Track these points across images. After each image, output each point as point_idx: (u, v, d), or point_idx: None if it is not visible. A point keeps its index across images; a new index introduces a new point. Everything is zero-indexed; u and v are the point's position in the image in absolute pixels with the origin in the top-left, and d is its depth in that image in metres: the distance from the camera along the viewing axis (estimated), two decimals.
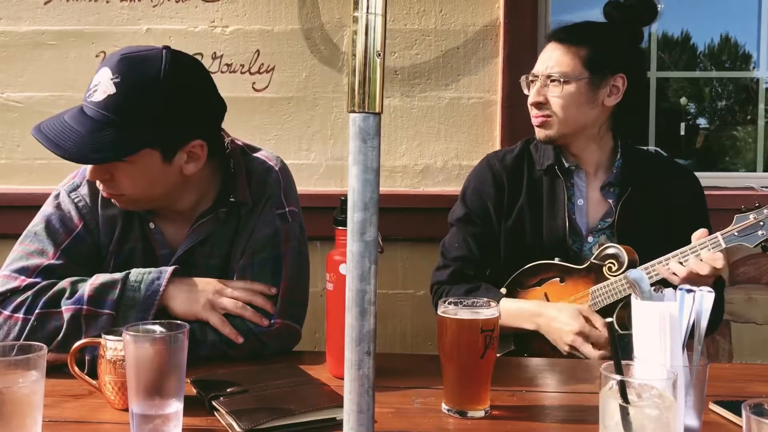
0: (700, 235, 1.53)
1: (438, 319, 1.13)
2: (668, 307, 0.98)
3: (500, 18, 2.40)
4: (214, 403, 1.08)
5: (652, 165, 1.81)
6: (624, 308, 1.63)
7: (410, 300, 2.46)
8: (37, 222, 1.44)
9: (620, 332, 1.59)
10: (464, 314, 1.11)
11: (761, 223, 1.51)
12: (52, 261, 1.38)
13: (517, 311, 1.68)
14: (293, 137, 2.46)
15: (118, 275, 1.35)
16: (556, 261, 1.73)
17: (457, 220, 1.84)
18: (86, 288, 1.32)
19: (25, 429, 0.90)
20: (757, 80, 2.81)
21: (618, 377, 0.85)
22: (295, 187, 1.56)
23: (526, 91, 1.77)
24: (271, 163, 1.54)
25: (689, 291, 1.01)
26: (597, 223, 1.76)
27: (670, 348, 0.97)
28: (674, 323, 0.97)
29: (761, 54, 2.69)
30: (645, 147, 2.54)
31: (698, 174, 1.84)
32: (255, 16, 2.44)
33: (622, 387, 0.84)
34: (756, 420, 0.76)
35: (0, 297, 1.33)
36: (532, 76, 1.75)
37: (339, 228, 1.28)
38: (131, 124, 1.29)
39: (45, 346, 0.95)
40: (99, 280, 1.33)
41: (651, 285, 1.05)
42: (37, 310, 1.30)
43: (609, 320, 1.62)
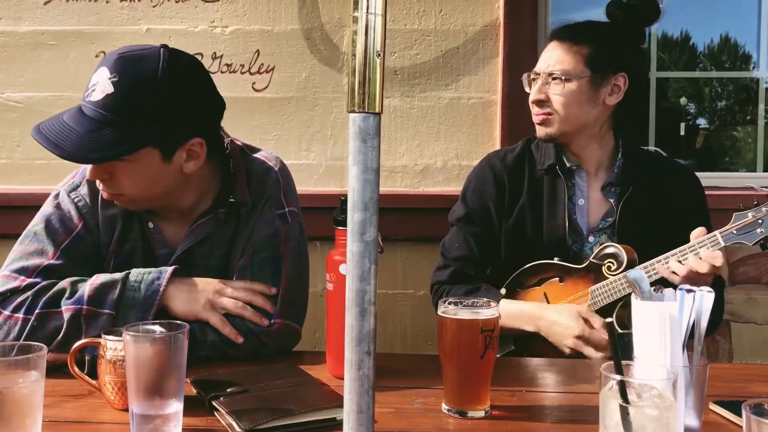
0: (699, 234, 1.53)
1: (438, 319, 1.13)
2: (668, 307, 0.98)
3: (500, 18, 2.40)
4: (214, 403, 1.08)
5: (653, 165, 1.81)
6: (624, 307, 1.62)
7: (410, 300, 2.46)
8: (37, 222, 1.43)
9: (620, 332, 1.59)
10: (464, 314, 1.11)
11: (760, 221, 1.51)
12: (52, 261, 1.38)
13: (517, 313, 1.68)
14: (293, 137, 2.46)
15: (118, 275, 1.35)
16: (556, 261, 1.73)
17: (458, 220, 1.84)
18: (86, 288, 1.32)
19: (25, 429, 0.90)
20: (757, 80, 2.81)
21: (618, 377, 0.85)
22: (295, 188, 1.56)
23: (528, 89, 1.77)
24: (271, 164, 1.54)
25: (689, 291, 1.01)
26: (598, 223, 1.76)
27: (670, 348, 0.97)
28: (674, 323, 0.97)
29: (761, 54, 2.69)
30: (645, 147, 2.53)
31: (698, 174, 1.84)
32: (255, 17, 2.44)
33: (622, 387, 0.84)
34: (756, 420, 0.76)
35: (0, 297, 1.33)
36: (534, 74, 1.75)
37: (339, 228, 1.28)
38: (130, 123, 1.29)
39: (45, 346, 0.94)
40: (99, 280, 1.33)
41: (651, 285, 1.05)
42: (37, 310, 1.30)
43: (609, 320, 1.62)
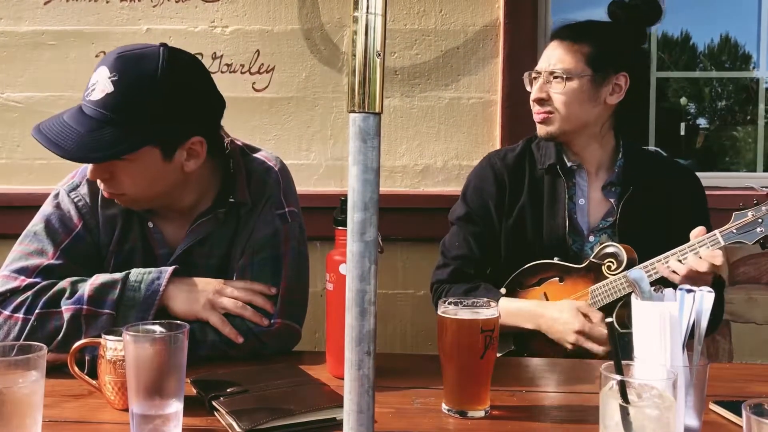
0: (699, 233, 1.53)
1: (438, 319, 1.13)
2: (668, 307, 0.98)
3: (500, 18, 2.40)
4: (214, 403, 1.08)
5: (654, 165, 1.81)
6: (624, 307, 1.63)
7: (410, 300, 2.46)
8: (37, 222, 1.43)
9: (620, 331, 1.59)
10: (464, 314, 1.11)
11: (759, 220, 1.52)
12: (52, 261, 1.38)
13: (517, 311, 1.68)
14: (293, 137, 2.46)
15: (118, 275, 1.35)
16: (556, 260, 1.73)
17: (458, 219, 1.84)
18: (86, 288, 1.32)
19: (25, 429, 0.90)
20: (757, 80, 2.81)
21: (618, 377, 0.85)
22: (295, 188, 1.56)
23: (529, 88, 1.77)
24: (271, 164, 1.54)
25: (689, 291, 1.01)
26: (598, 223, 1.76)
27: (670, 348, 0.97)
28: (674, 323, 0.97)
29: (761, 54, 2.68)
30: (645, 147, 2.53)
31: (698, 174, 1.84)
32: (255, 16, 2.44)
33: (623, 387, 0.84)
34: (756, 420, 0.76)
35: (0, 297, 1.33)
36: (535, 73, 1.75)
37: (339, 228, 1.28)
38: (130, 122, 1.29)
39: (45, 346, 0.94)
40: (99, 280, 1.33)
41: (651, 284, 1.05)
42: (37, 310, 1.30)
43: (609, 320, 1.61)
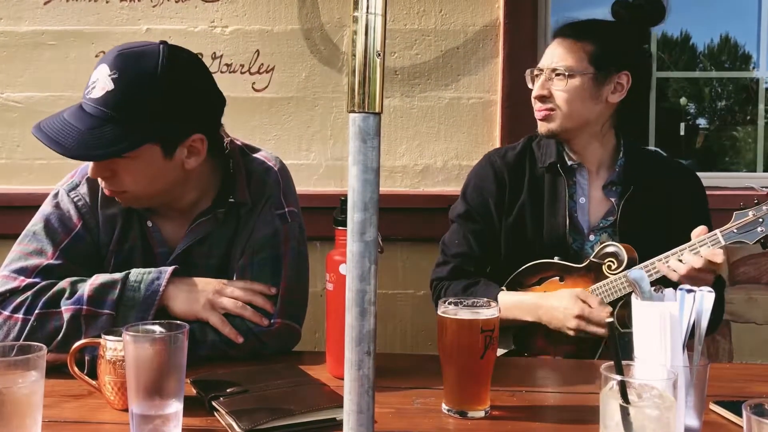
0: (700, 232, 1.53)
1: (438, 319, 1.13)
2: (668, 307, 0.98)
3: (500, 18, 2.40)
4: (214, 404, 1.08)
5: (655, 164, 1.81)
6: (624, 307, 1.63)
7: (410, 300, 2.46)
8: (36, 221, 1.43)
9: (620, 331, 1.59)
10: (464, 314, 1.11)
11: (760, 220, 1.52)
12: (51, 261, 1.38)
13: (517, 304, 1.69)
14: (293, 137, 2.45)
15: (118, 275, 1.35)
16: (556, 260, 1.73)
17: (458, 217, 1.84)
18: (86, 288, 1.32)
19: (25, 429, 0.90)
20: (757, 80, 2.81)
21: (618, 377, 0.85)
22: (295, 188, 1.56)
23: (530, 85, 1.77)
24: (271, 164, 1.54)
25: (689, 291, 1.01)
26: (599, 222, 1.76)
27: (671, 348, 0.97)
28: (674, 323, 0.97)
29: (761, 54, 2.68)
30: (645, 147, 2.53)
31: (698, 174, 1.84)
32: (255, 16, 2.44)
33: (623, 387, 0.84)
34: (756, 420, 0.76)
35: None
36: (537, 70, 1.76)
37: (339, 228, 1.28)
38: (130, 120, 1.29)
39: (44, 347, 0.94)
40: (99, 280, 1.33)
41: (651, 284, 1.05)
42: (37, 311, 1.30)
43: (609, 320, 1.61)
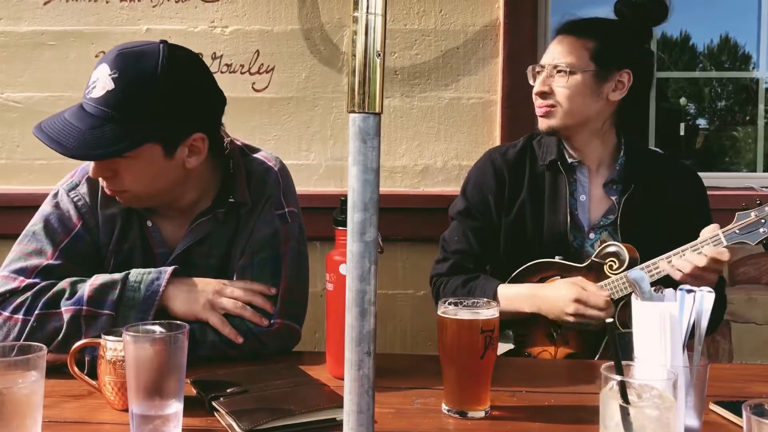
0: (713, 230, 1.54)
1: (438, 320, 1.13)
2: (668, 307, 0.98)
3: (500, 18, 2.40)
4: (214, 404, 1.08)
5: (656, 164, 1.81)
6: (625, 308, 1.62)
7: (410, 300, 2.46)
8: (36, 221, 1.43)
9: (621, 331, 1.59)
10: (464, 314, 1.11)
11: (762, 221, 1.52)
12: (51, 261, 1.38)
13: (516, 296, 1.69)
14: (293, 137, 2.45)
15: (118, 276, 1.35)
16: (557, 259, 1.73)
17: (458, 214, 1.84)
18: (86, 288, 1.32)
19: (25, 429, 0.90)
20: (757, 80, 2.80)
21: (618, 378, 0.85)
22: (295, 188, 1.56)
23: (532, 82, 1.77)
24: (271, 164, 1.54)
25: (689, 291, 1.01)
26: (599, 220, 1.76)
27: (671, 348, 0.97)
28: (674, 323, 0.97)
29: (761, 54, 2.68)
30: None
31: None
32: (255, 17, 2.44)
33: (623, 387, 0.84)
34: (756, 420, 0.76)
35: None
36: (539, 67, 1.76)
37: (339, 228, 1.28)
38: (131, 120, 1.29)
39: (44, 347, 0.95)
40: (98, 281, 1.33)
41: (652, 284, 1.05)
42: (37, 311, 1.30)
43: (609, 320, 1.61)
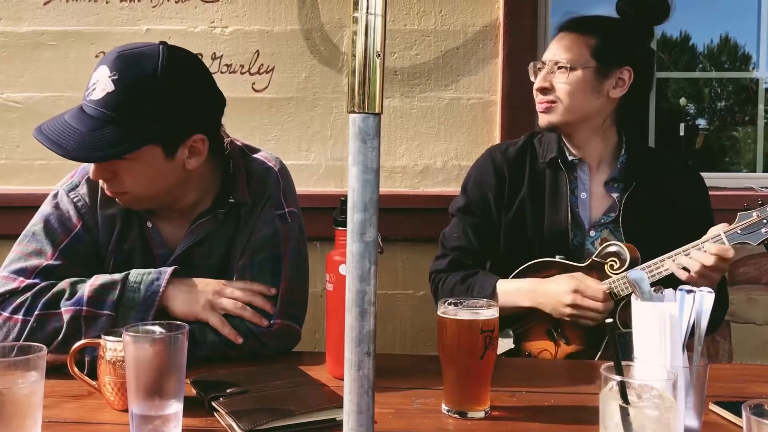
0: (718, 230, 1.54)
1: (438, 320, 1.13)
2: (668, 308, 0.98)
3: (500, 18, 2.40)
4: (214, 404, 1.08)
5: (658, 162, 1.81)
6: (625, 308, 1.62)
7: (410, 300, 2.46)
8: (36, 222, 1.43)
9: (621, 331, 1.59)
10: (464, 315, 1.11)
11: (764, 221, 1.52)
12: (51, 261, 1.38)
13: (515, 291, 1.70)
14: (293, 138, 2.45)
15: (118, 276, 1.35)
16: (558, 259, 1.73)
17: (458, 211, 1.85)
18: (86, 289, 1.32)
19: (25, 429, 0.90)
20: (757, 81, 2.80)
21: (618, 378, 0.85)
22: (295, 188, 1.56)
23: (533, 79, 1.78)
24: (271, 164, 1.54)
25: (689, 291, 1.01)
26: (600, 218, 1.76)
27: (670, 348, 0.97)
28: (674, 323, 0.97)
29: (761, 54, 2.68)
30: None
31: None
32: (255, 17, 2.44)
33: (623, 388, 0.84)
34: (756, 421, 0.76)
35: None
36: (540, 63, 1.76)
37: (339, 228, 1.28)
38: (131, 121, 1.29)
39: (44, 347, 0.95)
40: (98, 281, 1.33)
41: (652, 284, 1.05)
42: (37, 312, 1.30)
43: (609, 320, 1.61)
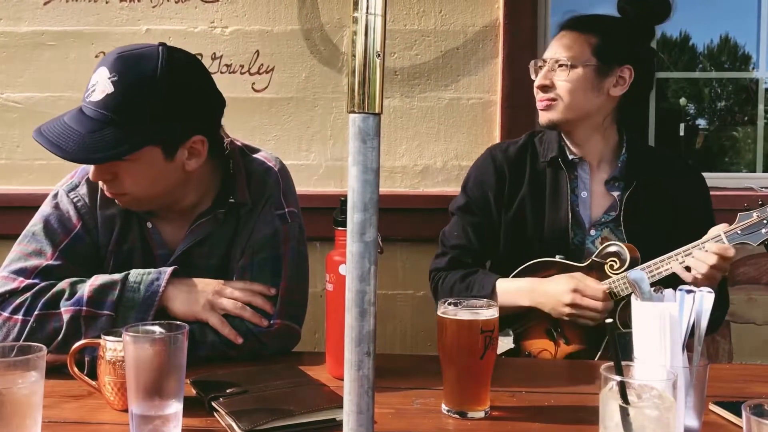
0: (719, 230, 1.55)
1: (438, 320, 1.13)
2: (668, 308, 0.98)
3: (500, 18, 2.40)
4: (214, 404, 1.08)
5: (658, 161, 1.81)
6: (625, 308, 1.62)
7: (410, 300, 2.46)
8: (36, 222, 1.43)
9: (621, 331, 1.59)
10: (464, 315, 1.11)
11: (765, 222, 1.52)
12: (51, 261, 1.38)
13: (514, 290, 1.70)
14: (293, 138, 2.45)
15: (118, 276, 1.35)
16: (558, 259, 1.73)
17: (458, 209, 1.85)
18: (85, 289, 1.32)
19: (25, 429, 0.90)
20: (757, 81, 2.80)
21: (618, 378, 0.85)
22: (295, 188, 1.56)
23: (534, 77, 1.78)
24: (271, 164, 1.54)
25: (689, 291, 1.01)
26: (600, 217, 1.76)
27: (670, 348, 0.97)
28: (674, 323, 0.97)
29: (761, 54, 2.68)
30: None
31: None
32: (255, 17, 2.44)
33: (622, 388, 0.84)
34: (756, 421, 0.76)
35: None
36: (541, 61, 1.76)
37: (339, 228, 1.28)
38: (130, 123, 1.29)
39: (44, 347, 0.94)
40: (98, 281, 1.33)
41: (652, 285, 1.05)
42: (36, 312, 1.30)
43: (609, 320, 1.61)
